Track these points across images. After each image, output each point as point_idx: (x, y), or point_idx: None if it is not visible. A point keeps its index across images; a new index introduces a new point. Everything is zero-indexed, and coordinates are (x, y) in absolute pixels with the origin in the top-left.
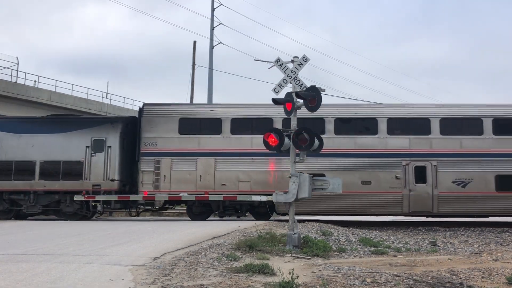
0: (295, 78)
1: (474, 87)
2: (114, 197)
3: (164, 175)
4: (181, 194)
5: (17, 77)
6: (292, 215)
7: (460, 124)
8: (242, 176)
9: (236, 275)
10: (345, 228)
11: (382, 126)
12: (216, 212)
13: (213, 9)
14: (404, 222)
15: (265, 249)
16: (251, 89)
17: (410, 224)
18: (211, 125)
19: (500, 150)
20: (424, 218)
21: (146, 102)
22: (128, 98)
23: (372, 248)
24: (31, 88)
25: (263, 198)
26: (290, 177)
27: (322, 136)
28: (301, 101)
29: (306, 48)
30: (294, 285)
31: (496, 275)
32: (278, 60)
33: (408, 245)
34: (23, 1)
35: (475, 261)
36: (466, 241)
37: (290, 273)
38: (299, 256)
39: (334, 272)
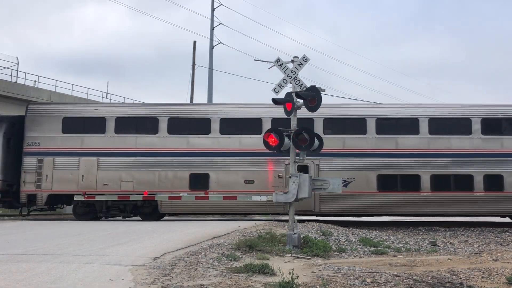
0: (295, 78)
1: (474, 87)
2: (114, 197)
3: (46, 175)
4: (181, 194)
5: (17, 77)
6: (292, 215)
7: (344, 124)
8: (125, 176)
9: (236, 275)
10: (345, 228)
11: (266, 126)
12: (100, 214)
13: (213, 9)
14: (404, 222)
15: (265, 249)
16: (251, 89)
17: (410, 224)
18: (95, 125)
19: (382, 150)
20: (424, 218)
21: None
22: (128, 98)
23: (372, 248)
24: (31, 88)
25: (263, 198)
26: (290, 177)
27: (206, 135)
28: (301, 101)
29: (305, 48)
30: (294, 285)
31: (496, 275)
32: (278, 60)
33: (408, 245)
34: (23, 1)
35: (475, 261)
36: (466, 241)
37: (290, 273)
38: (299, 256)
39: (334, 272)
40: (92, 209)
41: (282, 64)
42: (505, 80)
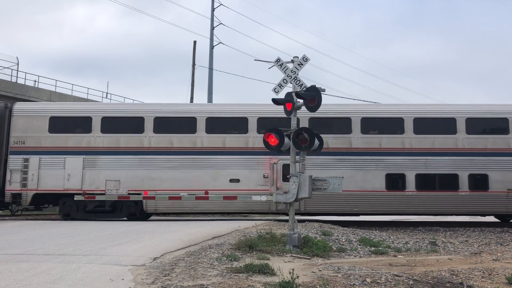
0: (295, 78)
1: (467, 86)
2: (114, 197)
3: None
4: (181, 194)
5: (17, 77)
6: (292, 215)
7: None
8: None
9: (236, 275)
10: (345, 228)
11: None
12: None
13: (213, 9)
14: (404, 222)
15: (265, 249)
16: (245, 88)
17: (410, 224)
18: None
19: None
20: (424, 218)
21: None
22: (128, 98)
23: (372, 248)
24: (31, 88)
25: (263, 198)
26: (290, 177)
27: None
28: (301, 101)
29: (297, 48)
30: (294, 285)
31: (496, 275)
32: (278, 60)
33: (408, 245)
34: (13, 2)
35: (475, 261)
36: (466, 241)
37: (290, 273)
38: (299, 256)
39: (334, 272)
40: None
41: (282, 64)
42: (499, 79)
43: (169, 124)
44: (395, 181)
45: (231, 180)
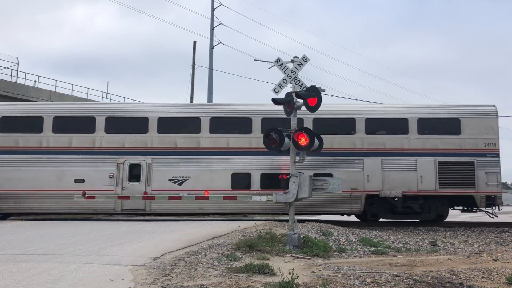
0: (295, 78)
1: (468, 87)
2: (114, 197)
3: None
4: (181, 194)
5: (17, 77)
6: (292, 215)
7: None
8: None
9: (236, 275)
10: (345, 228)
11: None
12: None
13: (213, 9)
14: (404, 222)
15: (265, 249)
16: (245, 88)
17: (410, 224)
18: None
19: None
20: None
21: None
22: (128, 98)
23: (372, 248)
24: (31, 88)
25: (263, 198)
26: (290, 177)
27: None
28: (301, 101)
29: (297, 48)
30: (294, 285)
31: (496, 275)
32: (278, 60)
33: (408, 245)
34: (13, 3)
35: (475, 261)
36: (466, 241)
37: (290, 273)
38: (299, 256)
39: (334, 272)
40: None
41: (282, 64)
42: (499, 79)
43: (15, 124)
44: (241, 180)
45: (76, 181)
